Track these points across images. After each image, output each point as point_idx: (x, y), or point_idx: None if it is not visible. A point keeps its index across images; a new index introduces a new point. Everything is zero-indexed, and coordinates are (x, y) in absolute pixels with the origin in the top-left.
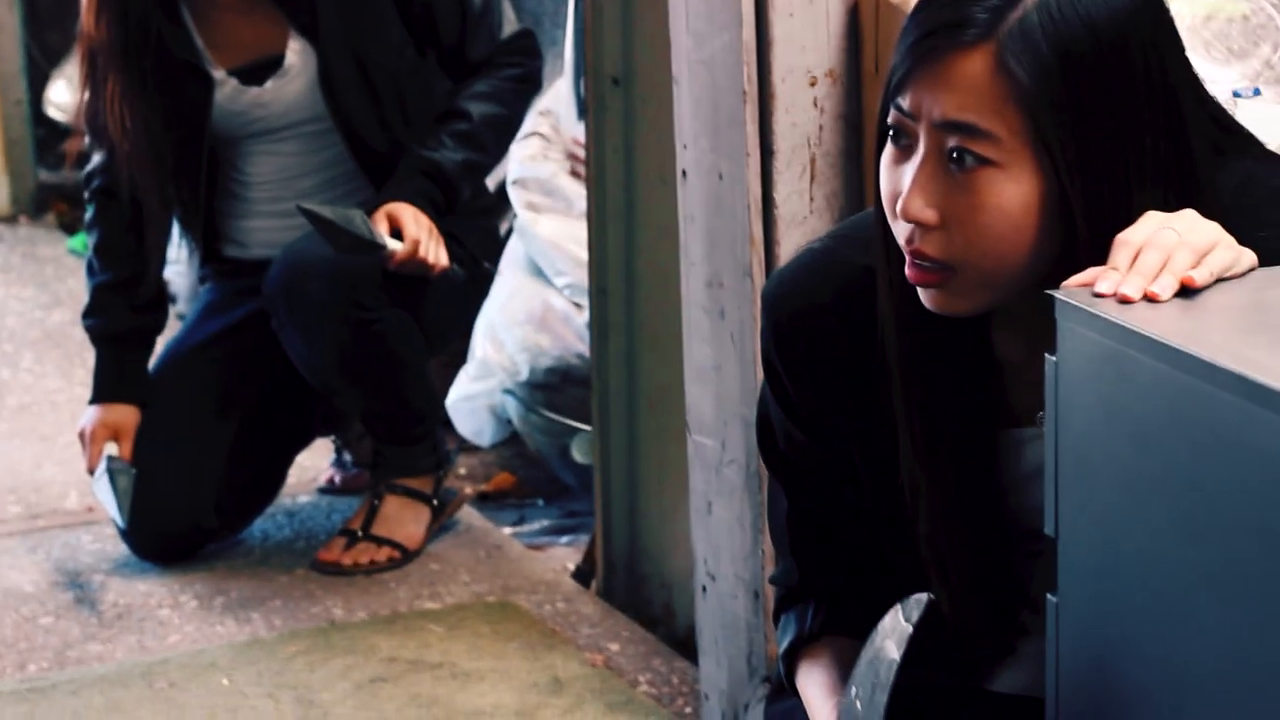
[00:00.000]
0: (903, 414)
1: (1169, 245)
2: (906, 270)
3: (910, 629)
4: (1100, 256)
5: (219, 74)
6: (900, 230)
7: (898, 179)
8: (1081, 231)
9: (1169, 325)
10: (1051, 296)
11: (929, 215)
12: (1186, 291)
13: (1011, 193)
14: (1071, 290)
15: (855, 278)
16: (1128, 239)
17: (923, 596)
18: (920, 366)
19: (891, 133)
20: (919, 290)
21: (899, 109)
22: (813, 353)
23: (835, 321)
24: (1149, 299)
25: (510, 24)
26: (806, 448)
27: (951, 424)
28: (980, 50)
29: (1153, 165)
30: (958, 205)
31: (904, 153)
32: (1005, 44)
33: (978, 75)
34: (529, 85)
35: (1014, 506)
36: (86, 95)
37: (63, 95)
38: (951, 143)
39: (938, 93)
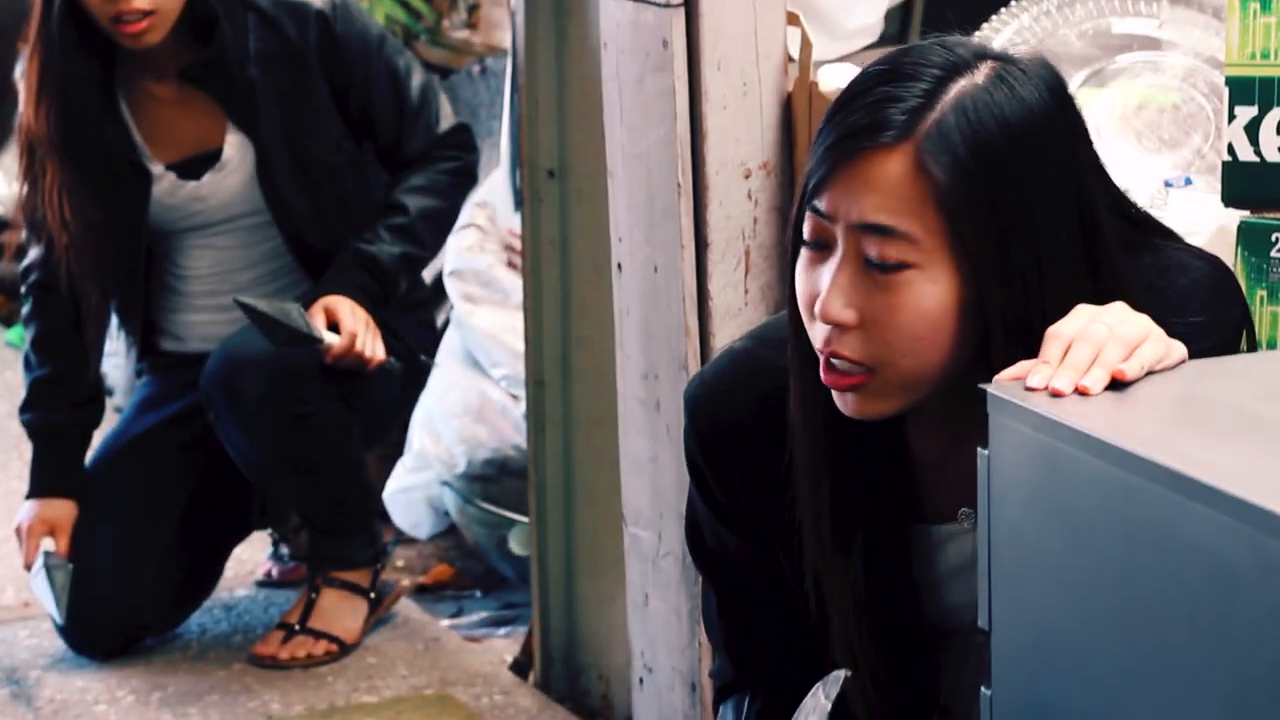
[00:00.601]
0: (810, 515)
1: (1100, 339)
2: (822, 374)
3: (829, 705)
4: (1013, 357)
5: (157, 168)
6: (818, 333)
7: (815, 281)
8: (996, 332)
9: (1100, 419)
10: (983, 390)
11: (848, 316)
12: (1117, 385)
13: (930, 293)
14: (1003, 384)
15: (775, 380)
16: (1058, 332)
17: (840, 673)
18: (833, 467)
19: (808, 236)
20: (835, 395)
21: (816, 211)
22: (734, 454)
23: (756, 423)
24: (1080, 393)
25: (447, 118)
26: (734, 546)
27: (864, 522)
28: (898, 152)
29: (1067, 262)
30: (876, 306)
31: (821, 255)
32: (923, 145)
33: (896, 177)
34: (465, 179)
35: (928, 606)
36: (25, 189)
37: (0, 187)
38: (870, 244)
39: (856, 195)
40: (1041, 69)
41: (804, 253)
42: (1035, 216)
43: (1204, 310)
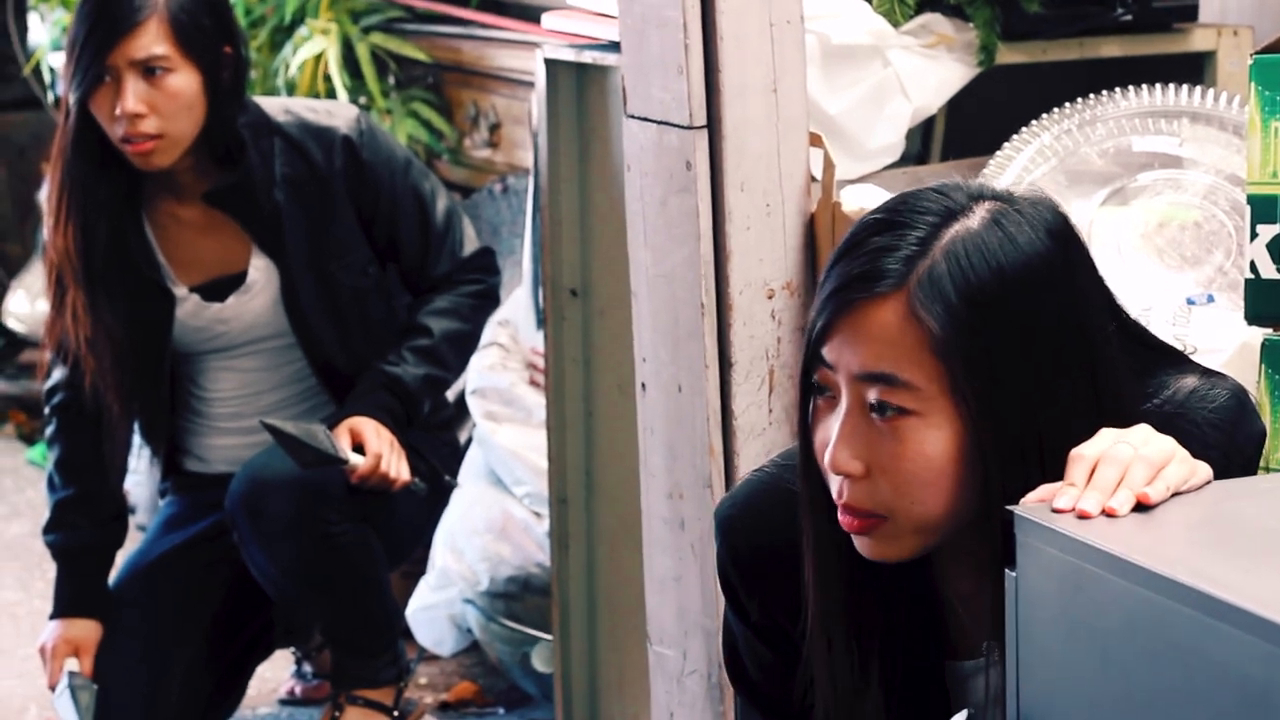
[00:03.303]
0: (823, 656)
1: (1125, 459)
2: (840, 518)
3: None
4: (1014, 494)
5: (180, 290)
6: (832, 482)
7: (826, 430)
8: (994, 471)
9: (1127, 540)
10: (1010, 512)
11: (855, 467)
12: (1143, 506)
13: (933, 439)
14: (1030, 506)
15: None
16: (1083, 453)
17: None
18: (851, 607)
19: (817, 383)
20: (854, 538)
21: (821, 361)
22: (767, 570)
23: (787, 544)
24: (1107, 514)
25: (471, 242)
26: (774, 666)
27: (896, 663)
28: (892, 300)
29: (1069, 401)
30: (882, 454)
31: (830, 403)
32: (915, 293)
33: (891, 325)
34: (488, 302)
35: None
36: (52, 310)
37: (22, 305)
38: (872, 393)
39: (856, 345)
40: (1041, 208)
41: (816, 401)
42: (1033, 359)
43: (1225, 441)
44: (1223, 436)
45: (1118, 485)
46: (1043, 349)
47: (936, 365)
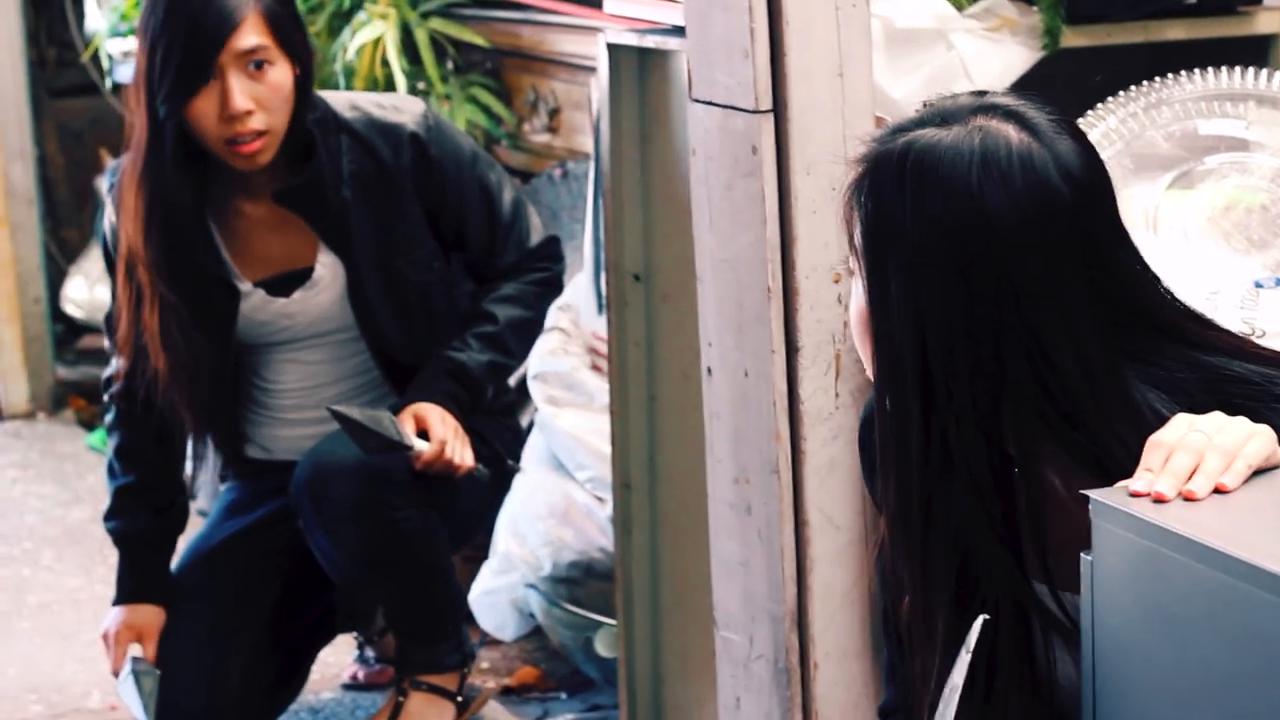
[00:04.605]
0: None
1: (1199, 447)
2: None
3: (969, 655)
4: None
5: (245, 285)
6: None
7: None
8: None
9: (1205, 524)
10: (1086, 496)
11: None
12: (1219, 492)
13: (855, 301)
14: (1107, 490)
15: None
16: (1160, 440)
17: (978, 621)
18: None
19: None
20: None
21: None
22: None
23: None
24: (1186, 498)
25: (537, 231)
26: None
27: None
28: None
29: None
30: None
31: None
32: (863, 176)
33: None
34: (552, 289)
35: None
36: (123, 307)
37: (80, 291)
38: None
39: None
40: (1048, 148)
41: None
42: (923, 282)
43: None
44: None
45: (1192, 473)
46: (925, 276)
47: (862, 247)
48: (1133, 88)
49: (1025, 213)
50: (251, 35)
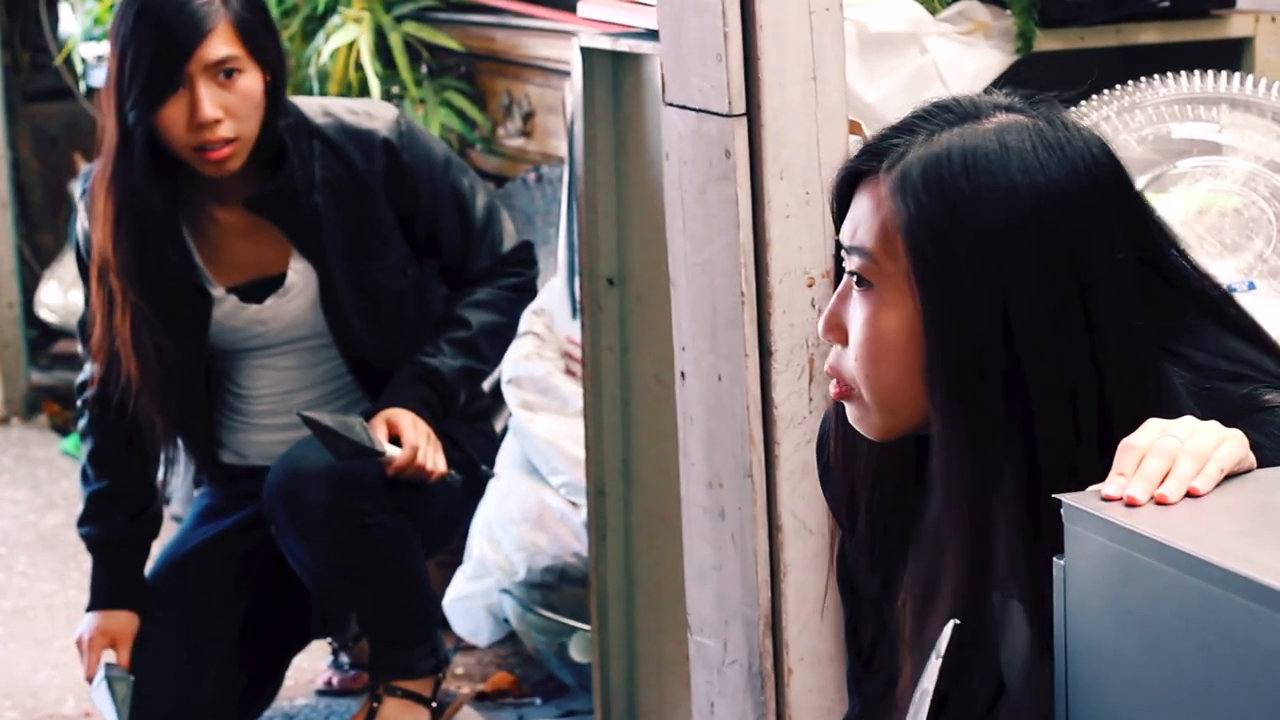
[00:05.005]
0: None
1: (1172, 451)
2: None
3: (939, 660)
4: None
5: (218, 291)
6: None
7: None
8: (933, 371)
9: (1177, 528)
10: (1058, 500)
11: (824, 329)
12: (1192, 495)
13: (887, 316)
14: (1079, 494)
15: None
16: (1132, 444)
17: (949, 625)
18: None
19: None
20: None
21: (838, 244)
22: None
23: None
24: (1158, 502)
25: (510, 236)
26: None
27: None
28: (882, 179)
29: (1037, 325)
30: (852, 324)
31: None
32: (898, 177)
33: (872, 201)
34: (525, 294)
35: None
36: (95, 313)
37: (54, 296)
38: (852, 264)
39: (850, 218)
40: (1074, 137)
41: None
42: (993, 274)
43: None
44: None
45: (1164, 478)
46: (1008, 268)
47: (899, 247)
48: (1106, 91)
49: (1084, 185)
50: (221, 45)
